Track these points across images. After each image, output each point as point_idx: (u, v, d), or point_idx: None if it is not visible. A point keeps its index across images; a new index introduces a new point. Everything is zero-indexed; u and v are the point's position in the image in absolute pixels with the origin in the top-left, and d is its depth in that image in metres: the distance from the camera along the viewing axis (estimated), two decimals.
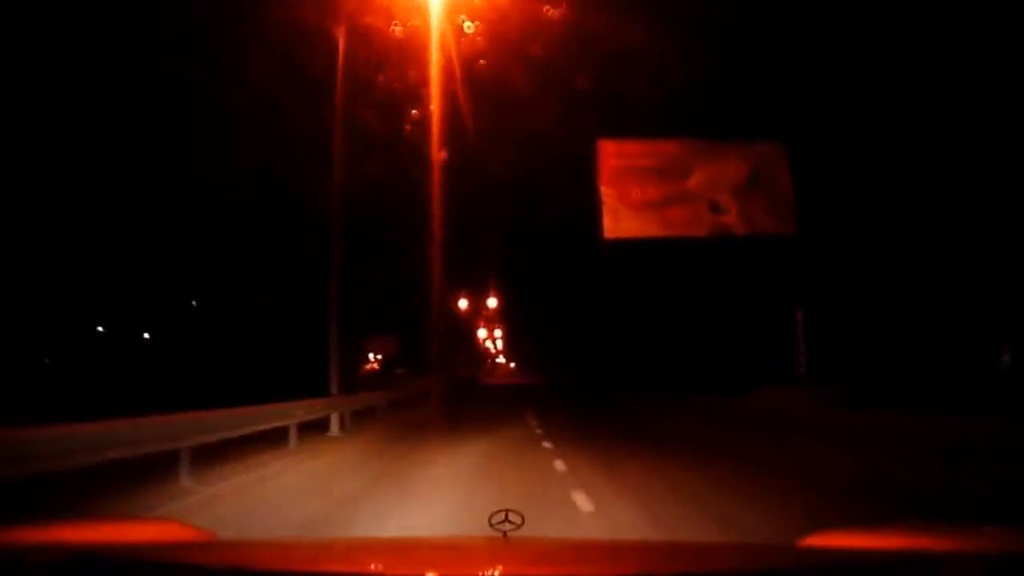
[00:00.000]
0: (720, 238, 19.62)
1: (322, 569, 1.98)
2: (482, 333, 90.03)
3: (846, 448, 10.36)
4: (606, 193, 18.48)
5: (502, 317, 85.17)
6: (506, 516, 2.09)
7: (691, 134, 20.37)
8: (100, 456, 6.51)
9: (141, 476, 7.32)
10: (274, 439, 10.67)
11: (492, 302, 73.10)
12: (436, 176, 18.69)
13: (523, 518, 2.10)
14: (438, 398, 17.61)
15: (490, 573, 1.91)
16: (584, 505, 6.31)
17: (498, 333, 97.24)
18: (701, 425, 15.67)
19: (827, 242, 21.79)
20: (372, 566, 2.04)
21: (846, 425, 13.87)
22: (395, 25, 14.11)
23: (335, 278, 13.38)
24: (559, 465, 8.93)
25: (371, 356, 55.43)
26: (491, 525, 2.09)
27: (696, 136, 20.31)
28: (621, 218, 18.40)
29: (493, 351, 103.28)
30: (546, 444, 11.05)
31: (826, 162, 22.13)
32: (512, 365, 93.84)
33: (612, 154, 18.90)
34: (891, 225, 21.68)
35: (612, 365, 41.16)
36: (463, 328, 72.81)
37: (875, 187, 22.03)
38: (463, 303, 64.62)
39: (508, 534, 2.06)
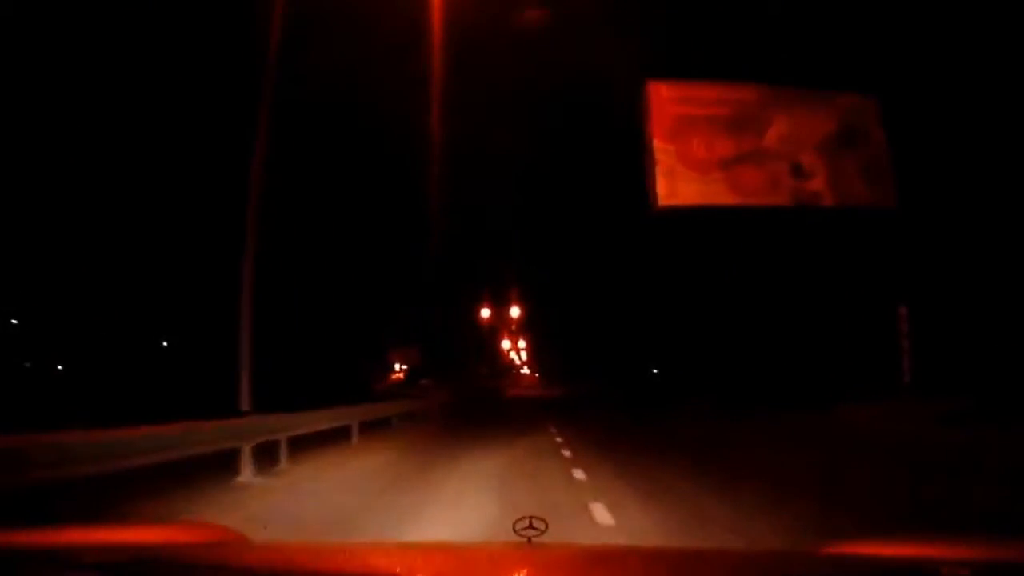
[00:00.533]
0: (803, 209, 15.28)
1: (351, 572, 2.01)
2: (506, 344, 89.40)
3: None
4: (660, 149, 14.26)
5: (525, 328, 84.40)
6: (530, 522, 2.12)
7: (757, 79, 16.07)
8: None
9: None
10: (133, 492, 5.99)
11: (515, 311, 72.33)
12: None
13: (546, 524, 2.11)
14: (439, 413, 13.36)
15: None
16: None
17: (522, 344, 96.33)
18: (801, 459, 11.05)
19: (935, 220, 17.35)
20: (398, 570, 2.10)
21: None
22: None
23: (248, 260, 9.31)
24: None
25: (397, 367, 56.90)
26: (515, 531, 2.11)
27: (770, 82, 16.04)
28: (680, 180, 14.17)
29: (518, 363, 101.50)
30: (599, 515, 6.03)
31: (929, 122, 17.83)
32: (536, 376, 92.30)
33: (668, 99, 14.69)
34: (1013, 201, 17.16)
35: (652, 373, 36.50)
36: (485, 339, 71.92)
37: (985, 156, 17.62)
38: (485, 312, 63.79)
39: (532, 540, 2.10)
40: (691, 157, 14.37)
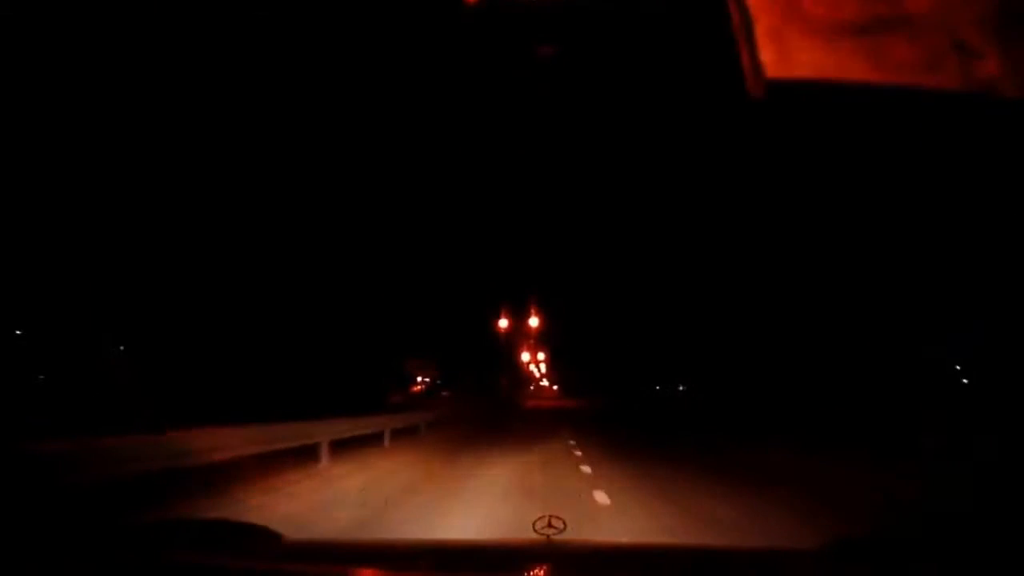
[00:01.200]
0: (976, 99, 10.22)
1: (379, 569, 2.05)
2: (525, 357, 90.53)
3: None
4: (756, 4, 9.31)
5: (544, 340, 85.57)
6: (549, 521, 2.23)
7: None
8: None
9: None
10: None
11: (534, 322, 72.61)
12: None
13: (564, 523, 2.23)
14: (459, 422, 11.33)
15: (535, 575, 2.05)
16: None
17: (541, 357, 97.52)
18: None
19: None
20: (423, 567, 2.19)
21: None
22: None
23: None
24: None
25: (418, 379, 57.34)
26: (535, 530, 2.23)
27: None
28: (793, 45, 9.05)
29: (537, 375, 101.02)
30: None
31: None
32: (555, 388, 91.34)
33: None
34: None
35: (691, 381, 31.57)
36: (504, 351, 72.84)
37: None
38: (503, 323, 63.69)
39: (551, 537, 2.20)
40: (804, 13, 9.26)
